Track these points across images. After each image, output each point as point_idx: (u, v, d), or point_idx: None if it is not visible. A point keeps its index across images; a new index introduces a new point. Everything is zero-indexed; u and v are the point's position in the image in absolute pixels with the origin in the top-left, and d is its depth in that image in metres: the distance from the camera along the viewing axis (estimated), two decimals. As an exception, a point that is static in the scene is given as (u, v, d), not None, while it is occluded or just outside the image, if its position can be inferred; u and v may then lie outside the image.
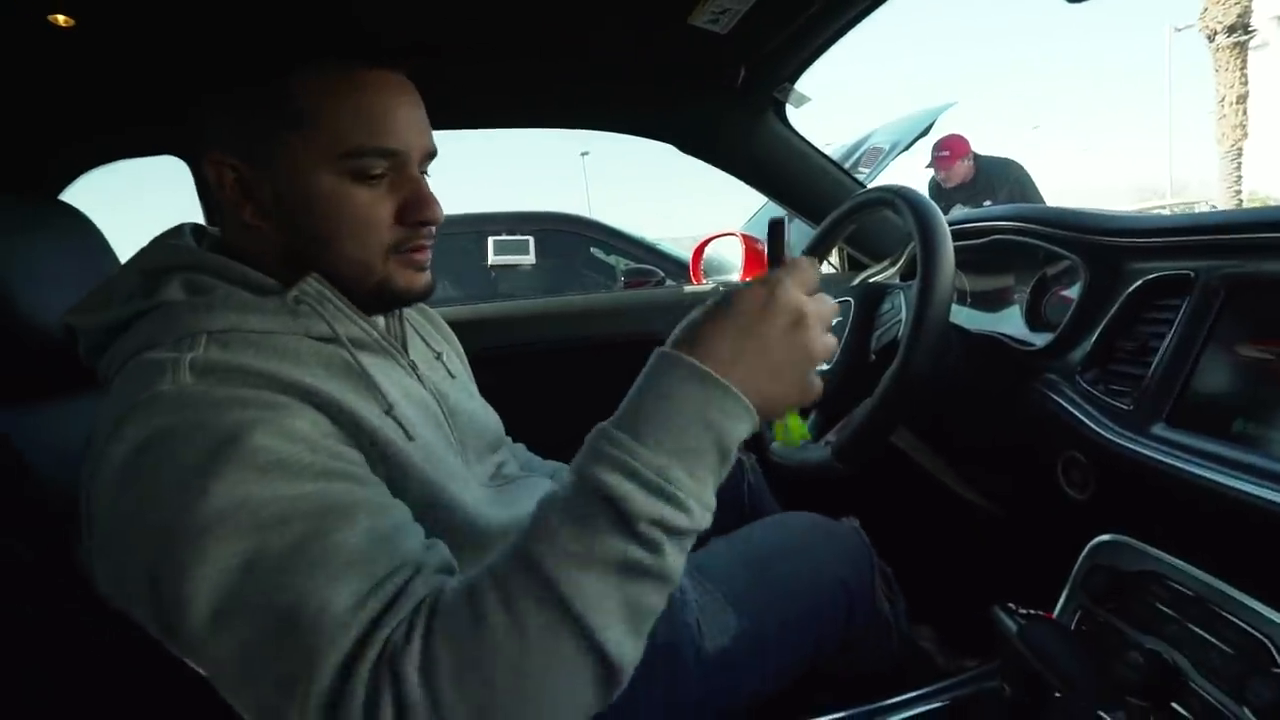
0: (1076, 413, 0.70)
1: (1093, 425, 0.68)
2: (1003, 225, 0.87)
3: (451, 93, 1.01)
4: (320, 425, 0.46)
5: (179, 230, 0.56)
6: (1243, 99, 9.83)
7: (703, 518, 0.38)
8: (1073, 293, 0.78)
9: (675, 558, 0.37)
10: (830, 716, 0.61)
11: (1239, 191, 10.24)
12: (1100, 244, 0.74)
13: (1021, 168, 3.17)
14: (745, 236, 1.54)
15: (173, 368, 0.44)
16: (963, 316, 0.99)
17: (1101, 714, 0.57)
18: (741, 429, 0.40)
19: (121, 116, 0.95)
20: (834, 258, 1.50)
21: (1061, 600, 0.68)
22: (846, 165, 3.01)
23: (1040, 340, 0.80)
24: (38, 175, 0.89)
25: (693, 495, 0.37)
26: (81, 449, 0.47)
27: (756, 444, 0.98)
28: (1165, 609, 0.59)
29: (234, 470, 0.39)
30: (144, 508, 0.39)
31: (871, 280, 0.89)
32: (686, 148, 1.19)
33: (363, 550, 0.39)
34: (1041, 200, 3.16)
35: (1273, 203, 11.45)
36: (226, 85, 0.51)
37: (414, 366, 0.60)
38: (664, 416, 0.38)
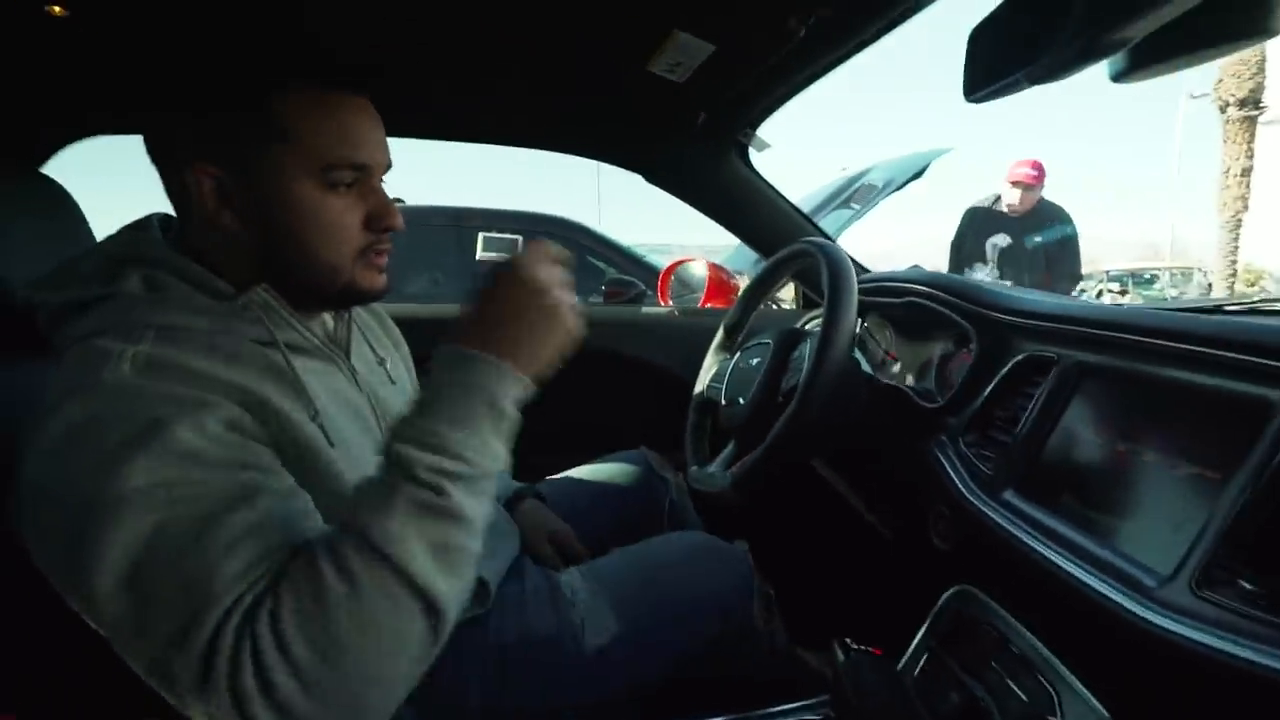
0: (950, 470, 0.77)
1: (959, 484, 0.74)
2: (916, 289, 0.93)
3: (426, 106, 1.07)
4: (242, 422, 0.50)
5: (148, 222, 0.61)
6: (1247, 172, 10.00)
7: (483, 462, 0.47)
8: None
9: (463, 498, 0.45)
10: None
11: (1234, 261, 10.40)
12: (991, 319, 0.80)
13: (1073, 225, 3.02)
14: (711, 264, 1.61)
15: (116, 359, 0.48)
16: (886, 368, 1.05)
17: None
18: (505, 385, 0.49)
19: (105, 94, 1.01)
20: (788, 293, 1.57)
21: (916, 640, 0.75)
22: (841, 199, 3.09)
23: (941, 400, 0.87)
24: (21, 146, 0.95)
25: (468, 446, 0.46)
26: (24, 411, 0.52)
27: (679, 468, 1.04)
28: (992, 658, 0.65)
29: (154, 456, 0.44)
30: (69, 482, 0.44)
31: (790, 326, 0.94)
32: (652, 179, 1.25)
33: (258, 528, 0.45)
34: (1078, 262, 3.04)
35: (1267, 276, 11.59)
36: (218, 104, 0.55)
37: (354, 371, 0.66)
38: (435, 394, 0.48)
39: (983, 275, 3.00)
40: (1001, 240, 3.02)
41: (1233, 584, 0.44)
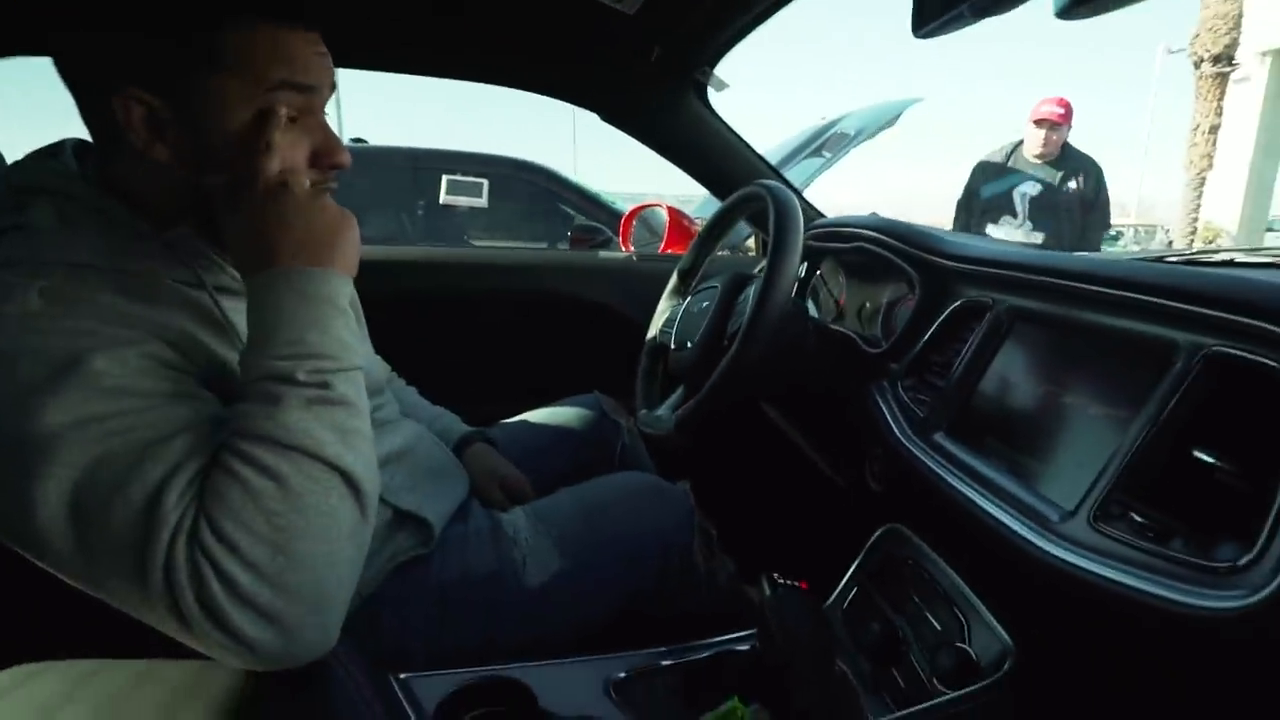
0: (886, 414, 0.78)
1: (894, 426, 0.75)
2: (864, 234, 0.93)
3: (373, 37, 1.02)
4: (164, 355, 0.49)
5: (59, 148, 0.56)
6: (1215, 129, 10.07)
7: (348, 356, 0.50)
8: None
9: (345, 388, 0.49)
10: (623, 653, 0.69)
11: (1195, 220, 10.61)
12: (933, 264, 0.81)
13: (1101, 170, 2.72)
14: (671, 209, 1.58)
15: (22, 292, 0.45)
16: (836, 313, 1.06)
17: (843, 668, 0.66)
18: (333, 284, 0.51)
19: (21, 10, 0.93)
20: (751, 241, 1.56)
21: (846, 576, 0.78)
22: (814, 146, 3.05)
23: (884, 345, 0.87)
24: None
25: (332, 345, 0.49)
26: None
27: (633, 412, 1.05)
28: (914, 592, 0.68)
29: (77, 390, 0.43)
30: None
31: (737, 270, 0.94)
32: (608, 118, 1.21)
33: (194, 452, 0.46)
34: (1109, 211, 2.74)
35: (1224, 234, 11.90)
36: (162, 28, 0.50)
37: None
38: (280, 312, 0.49)
39: (1011, 230, 2.68)
40: (1031, 189, 2.67)
41: (1126, 518, 0.46)
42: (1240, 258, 0.94)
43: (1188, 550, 0.41)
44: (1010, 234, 2.65)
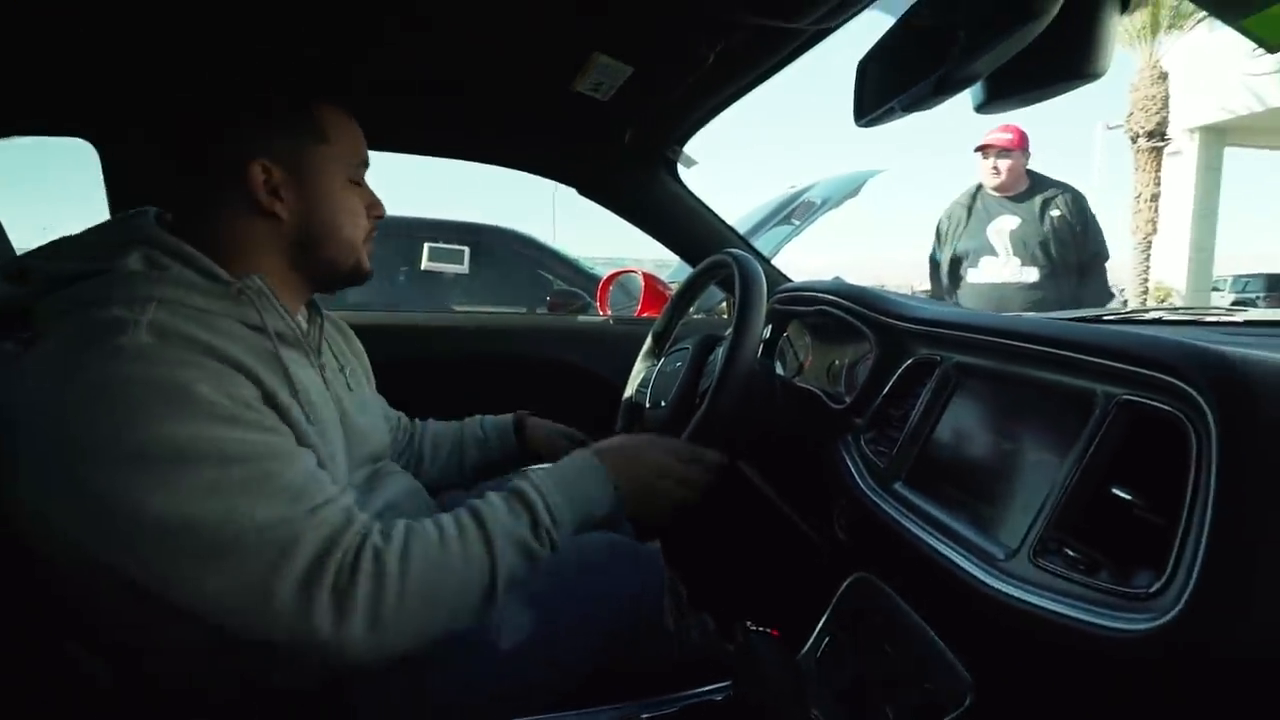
0: (850, 465, 0.82)
1: (857, 478, 0.80)
2: (825, 298, 1.00)
3: (363, 120, 1.10)
4: (250, 391, 0.56)
5: (144, 212, 0.65)
6: (1155, 198, 10.79)
7: (560, 537, 0.65)
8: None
9: (540, 549, 0.63)
10: (598, 708, 0.70)
11: (1146, 280, 11.19)
12: (887, 324, 0.87)
13: (1083, 196, 2.42)
14: (646, 274, 1.66)
15: (132, 326, 0.51)
16: (802, 372, 1.12)
17: (817, 715, 0.68)
18: (607, 509, 0.69)
19: (32, 95, 0.99)
20: (725, 305, 1.63)
21: (819, 626, 0.80)
22: (782, 215, 3.20)
23: (847, 401, 0.93)
24: None
25: (565, 525, 0.65)
26: None
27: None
28: (884, 638, 0.71)
29: (192, 415, 0.50)
30: (105, 438, 0.48)
31: (708, 332, 1.00)
32: (585, 192, 1.29)
33: (303, 483, 0.54)
34: (1101, 238, 2.42)
35: (1175, 294, 12.50)
36: (283, 109, 0.65)
37: (322, 368, 0.70)
38: (578, 475, 0.68)
39: (997, 269, 2.42)
40: (1009, 223, 2.42)
41: (1061, 553, 0.50)
42: (1169, 316, 1.03)
43: (1112, 580, 0.45)
44: (997, 274, 2.41)
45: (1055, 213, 2.35)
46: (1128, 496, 0.47)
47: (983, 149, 2.43)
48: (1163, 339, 0.52)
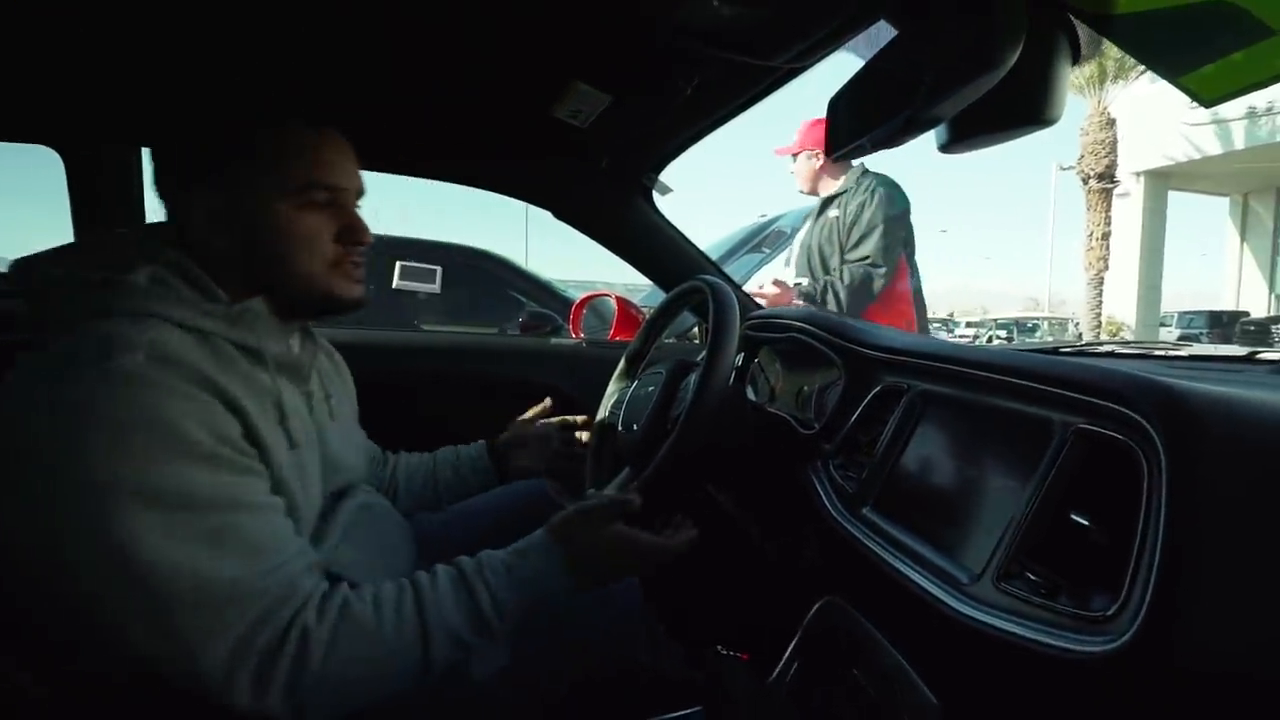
0: (820, 490, 0.84)
1: (826, 503, 0.81)
2: (796, 325, 1.02)
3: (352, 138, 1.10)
4: (234, 427, 0.55)
5: (160, 227, 0.66)
6: (1106, 236, 11.35)
7: (511, 623, 0.63)
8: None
9: (485, 644, 0.62)
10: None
11: (1099, 314, 11.70)
12: (856, 352, 0.89)
13: (879, 199, 1.98)
14: (619, 298, 1.67)
15: (128, 347, 0.51)
16: (773, 398, 1.13)
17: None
18: (562, 589, 0.65)
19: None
20: (697, 330, 1.65)
21: (788, 650, 0.80)
22: (753, 243, 3.26)
23: (816, 427, 0.94)
24: None
25: (514, 613, 0.63)
26: None
27: (577, 492, 1.07)
28: (852, 661, 0.71)
29: (169, 453, 0.49)
30: (82, 463, 0.47)
31: (681, 357, 1.01)
32: (560, 215, 1.30)
33: (263, 540, 0.53)
34: (878, 247, 1.93)
35: (1126, 328, 13.04)
36: (215, 140, 0.63)
37: (309, 396, 0.70)
38: (523, 558, 0.65)
39: (781, 273, 2.30)
40: (799, 227, 2.30)
41: (1023, 576, 0.51)
42: (1121, 350, 1.08)
43: (1071, 603, 0.47)
44: (782, 275, 2.22)
45: (834, 214, 2.05)
46: (1085, 522, 0.49)
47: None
48: (1115, 371, 0.54)
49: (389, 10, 0.78)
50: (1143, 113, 11.73)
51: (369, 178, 0.74)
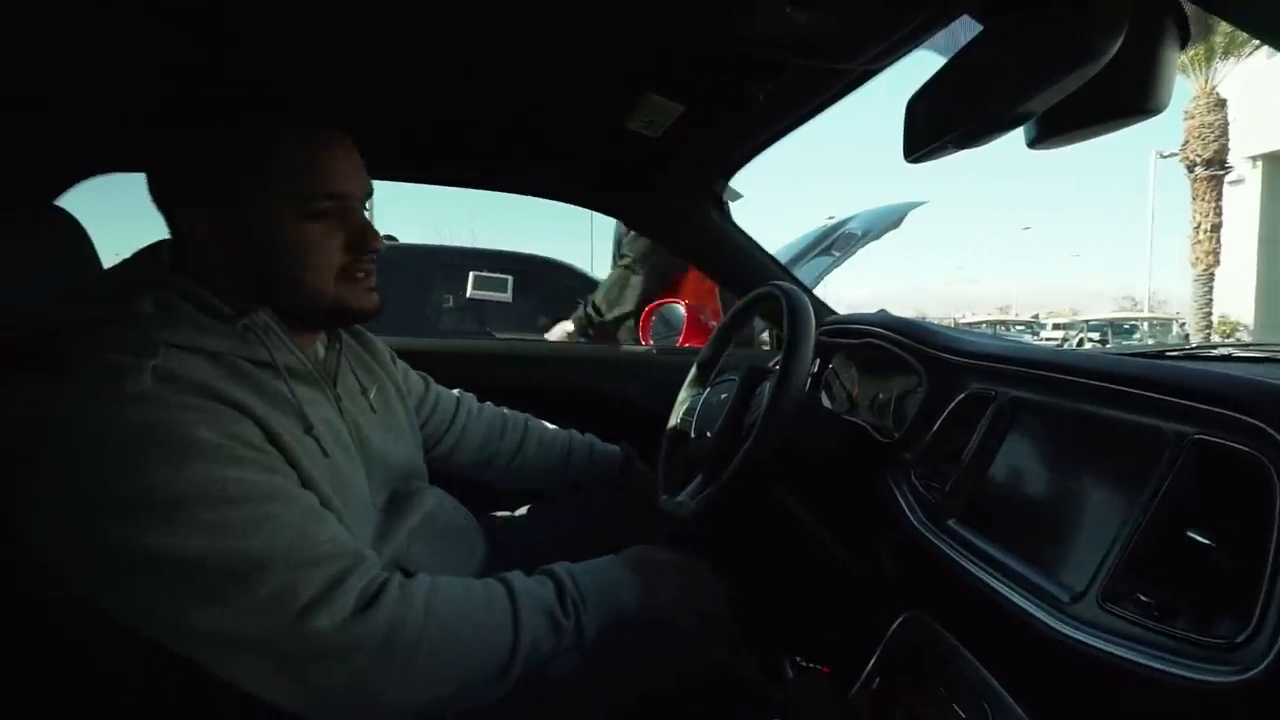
0: (901, 501, 0.81)
1: (909, 513, 0.78)
2: (874, 330, 1.00)
3: (423, 154, 1.15)
4: (255, 433, 0.56)
5: (159, 248, 0.66)
6: (1216, 228, 10.38)
7: (588, 633, 0.66)
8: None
9: (560, 647, 0.64)
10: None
11: (1209, 314, 10.69)
12: (940, 358, 0.86)
13: None
14: (689, 305, 1.67)
15: (137, 372, 0.52)
16: (850, 405, 1.10)
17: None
18: (635, 610, 0.70)
19: (115, 133, 1.08)
20: (766, 335, 1.63)
21: (869, 664, 0.78)
22: (822, 246, 3.20)
23: (896, 435, 0.91)
24: (38, 181, 1.01)
25: (592, 625, 0.65)
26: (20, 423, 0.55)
27: (650, 496, 1.08)
28: (937, 679, 0.69)
29: (192, 459, 0.50)
30: (108, 483, 0.49)
31: (754, 364, 1.00)
32: (632, 225, 1.33)
33: (303, 525, 0.54)
34: None
35: (1242, 328, 11.88)
36: (209, 149, 0.61)
37: (338, 399, 0.70)
38: (610, 575, 0.69)
39: None
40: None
41: (1132, 597, 0.48)
42: (1238, 353, 0.99)
43: (1191, 627, 0.44)
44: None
45: None
46: (1205, 540, 0.45)
47: None
48: (1237, 376, 0.50)
49: (465, 26, 0.78)
50: (1258, 91, 10.68)
51: (446, 192, 0.75)
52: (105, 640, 0.53)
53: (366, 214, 0.69)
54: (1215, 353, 1.06)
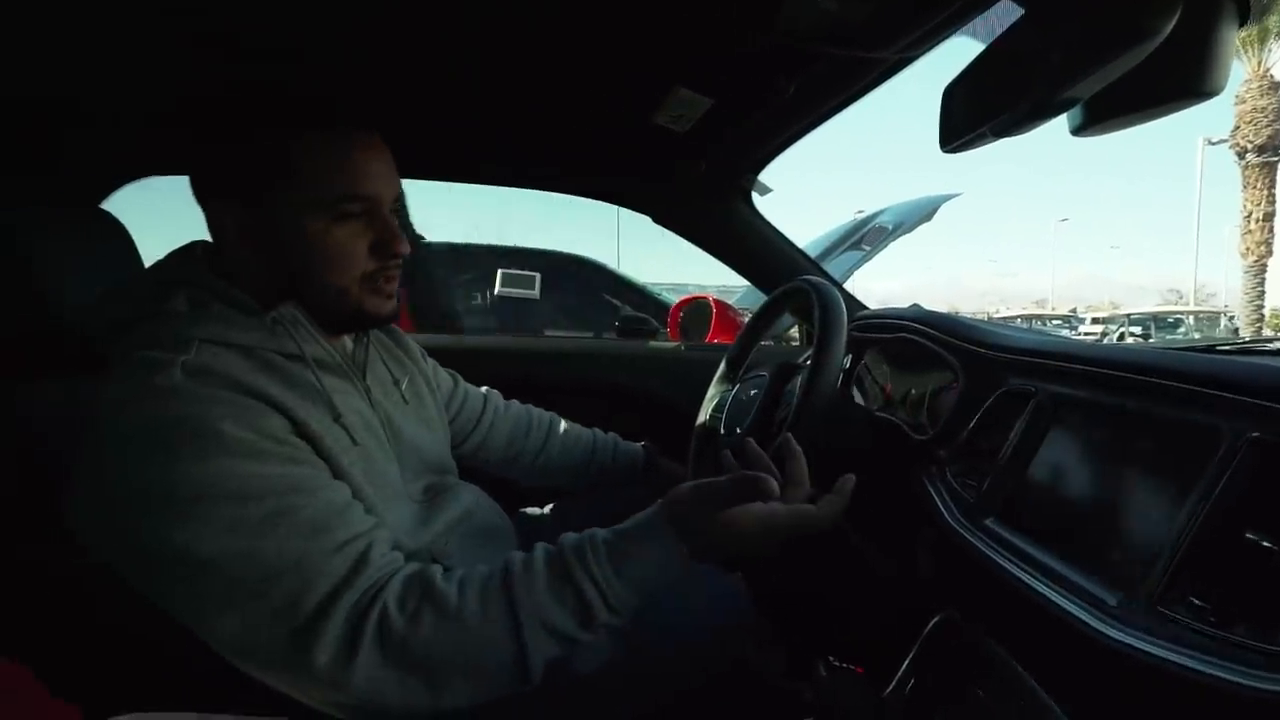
0: (937, 499, 0.79)
1: (944, 512, 0.76)
2: (907, 325, 0.97)
3: (448, 152, 1.16)
4: (281, 425, 0.57)
5: (192, 248, 0.67)
6: (1269, 217, 9.92)
7: (625, 609, 0.57)
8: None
9: (589, 632, 0.57)
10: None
11: (1260, 306, 10.23)
12: (976, 353, 0.84)
13: None
14: (717, 301, 1.66)
15: (168, 366, 0.54)
16: (882, 401, 1.08)
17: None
18: (674, 573, 0.59)
19: (154, 138, 1.11)
20: (795, 331, 1.61)
21: (904, 665, 0.76)
22: (853, 240, 3.14)
23: (931, 431, 0.89)
24: (83, 185, 1.05)
25: (622, 607, 0.57)
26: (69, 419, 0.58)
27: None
28: (975, 680, 0.67)
29: (215, 453, 0.51)
30: (138, 478, 0.50)
31: (788, 360, 0.98)
32: (659, 220, 1.32)
33: (326, 519, 0.54)
34: None
35: (1296, 322, 11.34)
36: (237, 148, 0.61)
37: (368, 390, 0.71)
38: (636, 540, 0.59)
39: None
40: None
41: (1185, 601, 0.46)
42: (1296, 347, 0.94)
43: (1251, 634, 0.42)
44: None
45: None
46: (1267, 543, 0.43)
47: None
48: (1296, 370, 0.48)
49: (494, 23, 0.79)
50: (1315, 73, 10.18)
51: (476, 190, 0.75)
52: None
53: (408, 216, 0.70)
54: (1270, 347, 1.01)
